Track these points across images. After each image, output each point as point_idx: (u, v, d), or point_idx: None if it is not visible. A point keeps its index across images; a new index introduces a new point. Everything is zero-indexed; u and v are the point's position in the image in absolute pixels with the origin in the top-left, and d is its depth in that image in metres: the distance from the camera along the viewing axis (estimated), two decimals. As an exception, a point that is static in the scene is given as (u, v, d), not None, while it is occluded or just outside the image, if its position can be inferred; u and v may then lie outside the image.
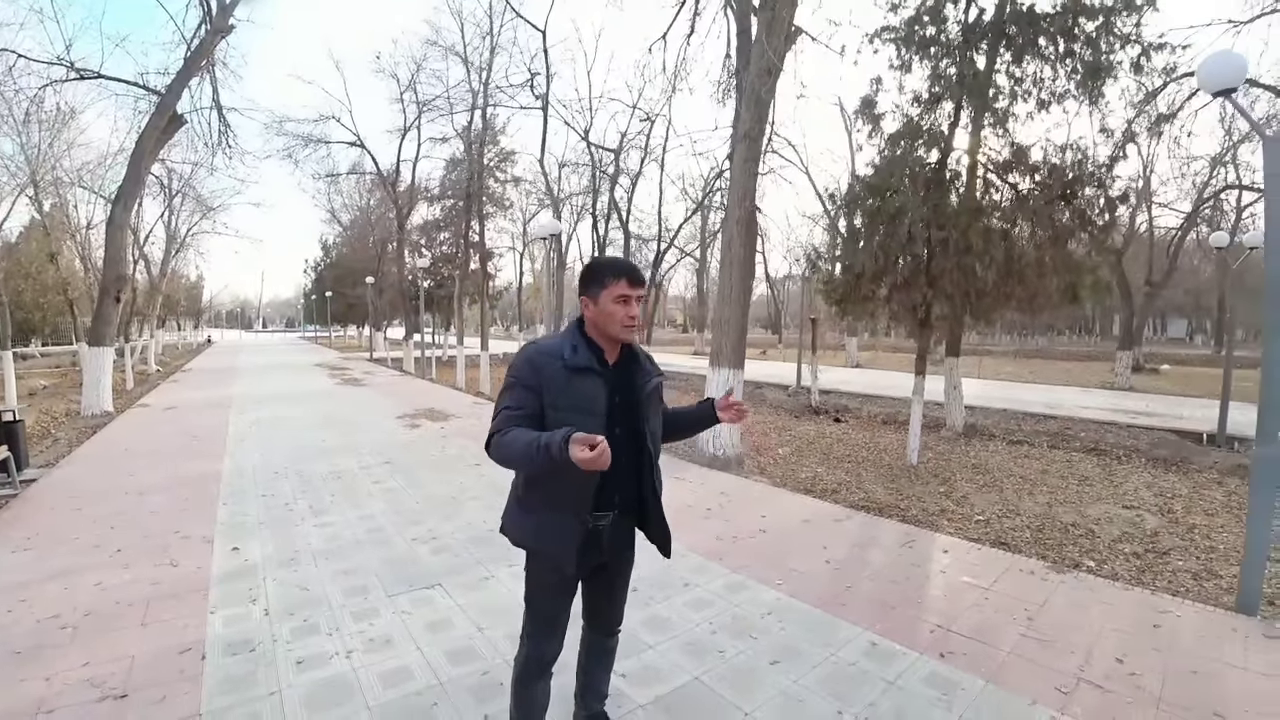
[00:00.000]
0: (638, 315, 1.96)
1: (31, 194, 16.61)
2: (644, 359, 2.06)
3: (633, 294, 1.92)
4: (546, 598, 2.01)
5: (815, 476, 6.46)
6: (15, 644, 3.02)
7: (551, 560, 1.93)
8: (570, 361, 1.85)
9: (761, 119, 6.91)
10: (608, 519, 1.94)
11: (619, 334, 1.92)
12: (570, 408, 1.83)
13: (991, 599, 3.41)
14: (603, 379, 1.90)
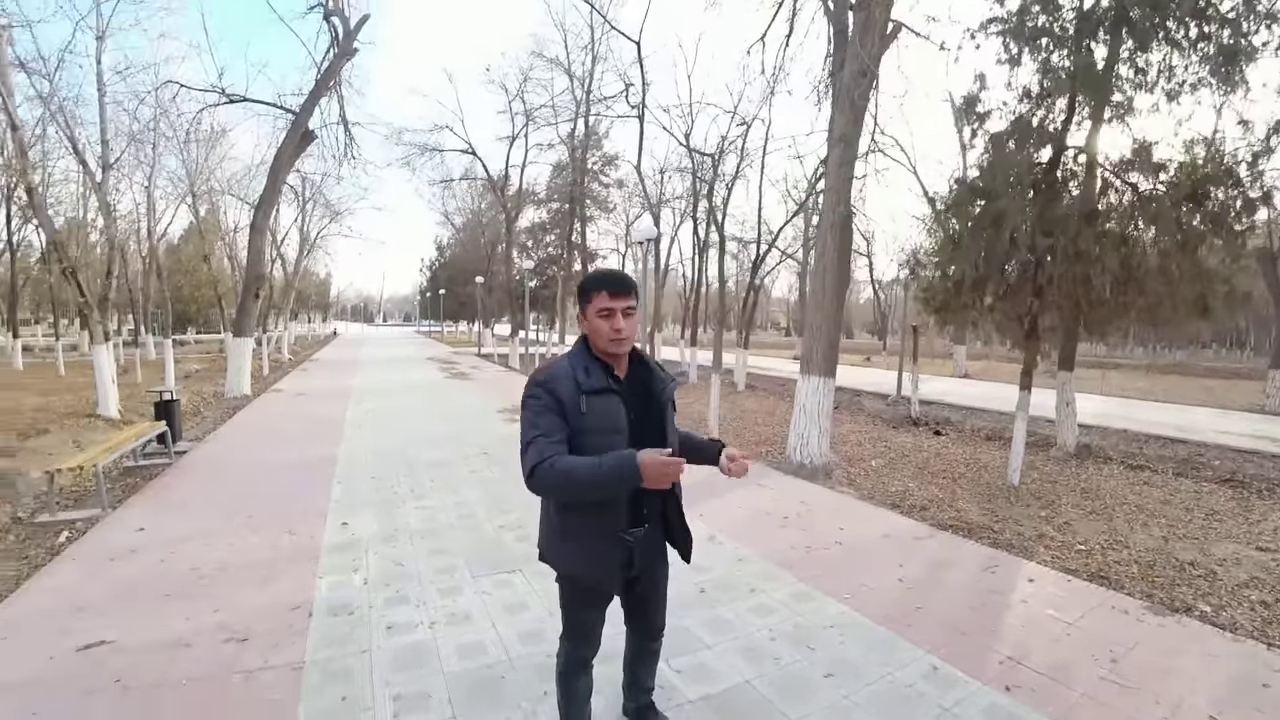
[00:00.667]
0: (624, 328, 1.86)
1: (190, 202, 19.07)
2: (656, 367, 2.04)
3: (616, 306, 1.84)
4: (580, 609, 2.07)
5: (905, 491, 6.26)
6: (165, 589, 3.63)
7: (593, 582, 1.97)
8: (585, 385, 1.83)
9: (857, 121, 6.77)
10: (640, 534, 1.95)
11: (606, 348, 1.87)
12: (593, 430, 1.81)
13: (1074, 635, 3.22)
14: (619, 396, 1.88)
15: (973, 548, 4.54)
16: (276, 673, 2.75)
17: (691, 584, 3.76)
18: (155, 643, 3.00)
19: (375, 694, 2.61)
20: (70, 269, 9.34)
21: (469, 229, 35.84)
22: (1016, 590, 3.80)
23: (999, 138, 5.99)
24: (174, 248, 31.50)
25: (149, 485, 6.02)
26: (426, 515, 5.10)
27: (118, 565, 4.02)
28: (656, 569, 2.15)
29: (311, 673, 2.76)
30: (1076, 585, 3.89)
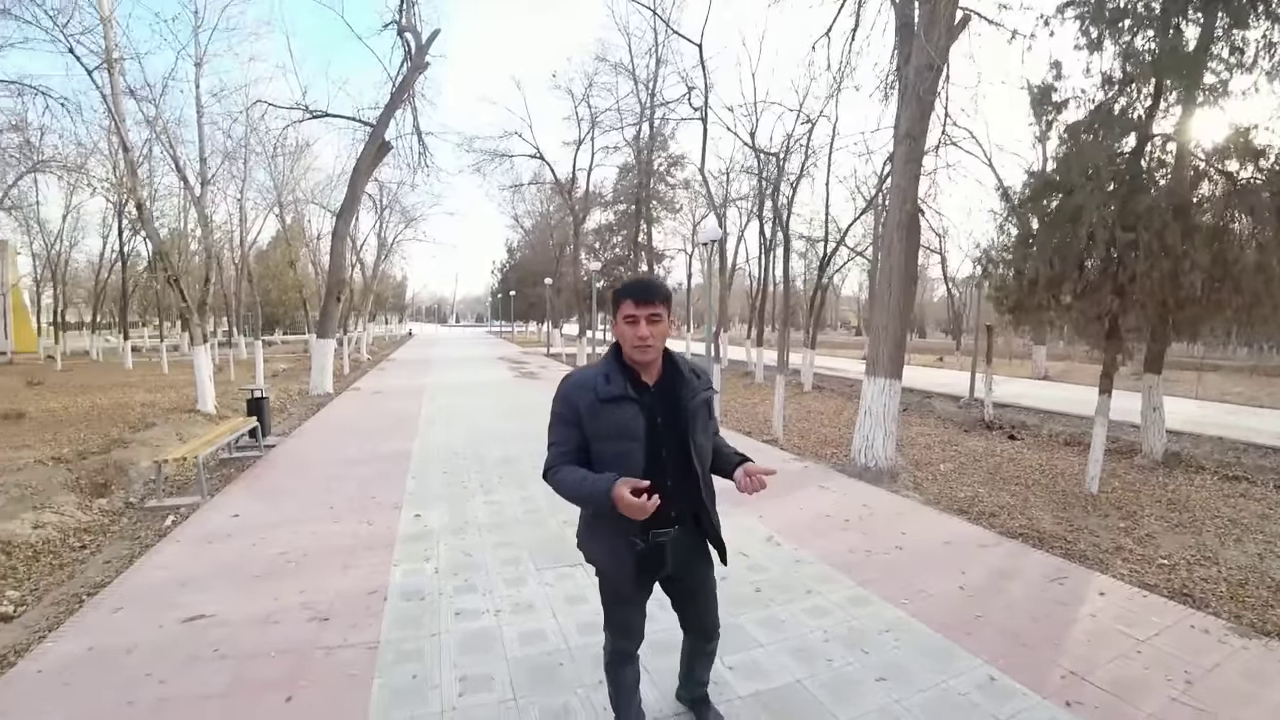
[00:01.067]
0: (649, 335, 1.88)
1: (277, 211, 20.44)
2: (689, 374, 2.03)
3: (640, 313, 1.87)
4: (615, 606, 2.17)
5: (974, 497, 6.08)
6: (256, 570, 4.00)
7: (616, 578, 2.06)
8: (602, 393, 1.89)
9: (923, 117, 6.61)
10: (668, 535, 1.99)
11: (631, 354, 1.91)
12: (608, 437, 1.89)
13: (1146, 653, 3.07)
14: (638, 404, 1.91)
15: (1040, 557, 4.38)
16: (354, 650, 3.01)
17: (748, 584, 3.82)
18: (248, 618, 3.34)
19: (443, 674, 2.81)
20: (174, 277, 10.24)
21: (538, 231, 36.77)
22: (1085, 603, 3.64)
23: (1075, 128, 5.71)
24: (263, 254, 33.71)
25: (242, 476, 6.57)
26: (494, 509, 5.35)
27: (216, 548, 4.45)
28: (697, 570, 2.16)
29: (386, 652, 3.00)
30: (1154, 601, 3.68)
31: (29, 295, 30.07)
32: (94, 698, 2.66)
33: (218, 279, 22.06)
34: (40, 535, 4.93)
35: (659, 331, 1.89)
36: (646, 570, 2.03)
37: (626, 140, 18.22)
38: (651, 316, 1.87)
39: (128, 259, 24.79)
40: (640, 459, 1.89)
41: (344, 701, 2.61)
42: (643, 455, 1.90)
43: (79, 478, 6.15)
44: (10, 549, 4.63)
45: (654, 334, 1.88)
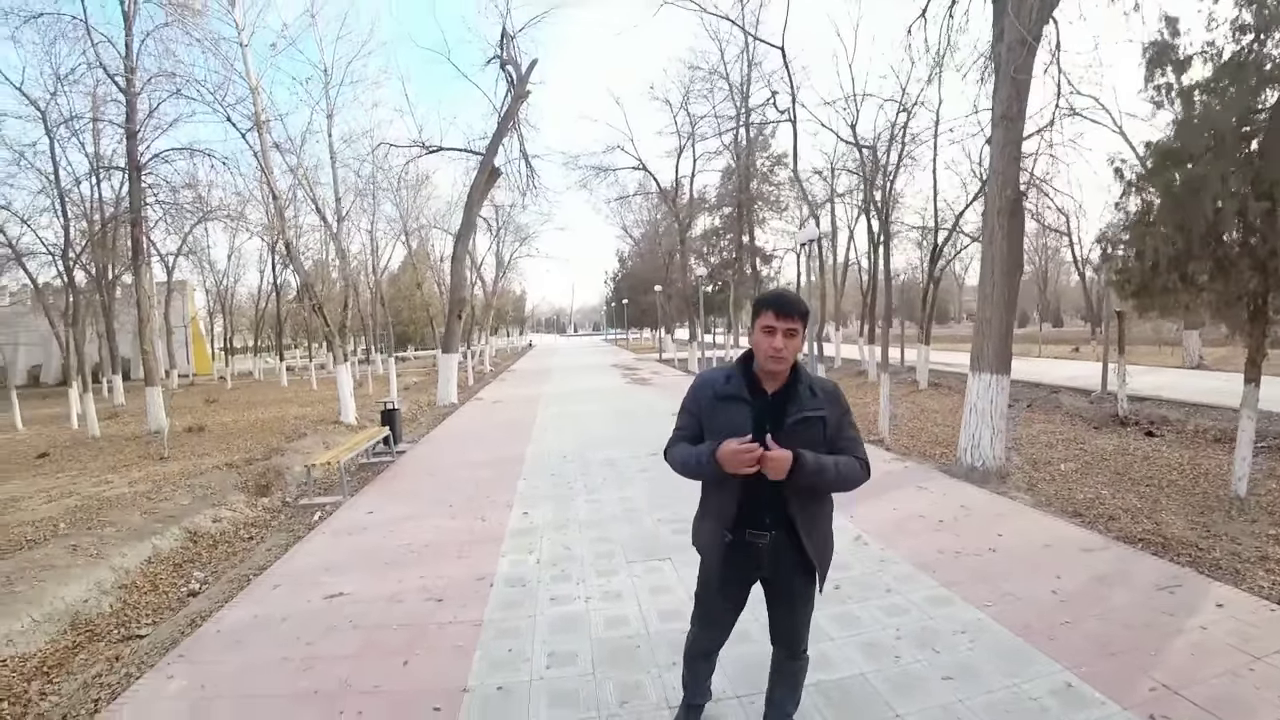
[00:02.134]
0: (783, 347, 1.96)
1: (404, 239, 22.57)
2: (805, 392, 2.05)
3: (779, 325, 1.94)
4: (707, 594, 2.30)
5: (1095, 499, 5.71)
6: (385, 558, 4.69)
7: (705, 559, 2.22)
8: (720, 391, 2.07)
9: (1019, 96, 6.29)
10: (765, 538, 2.08)
11: (764, 363, 2.01)
12: (718, 431, 2.01)
13: (1259, 671, 2.81)
14: (750, 407, 2.02)
15: (1154, 564, 4.08)
16: (461, 626, 3.50)
17: (829, 581, 3.90)
18: (377, 596, 3.96)
19: (535, 649, 3.22)
20: (317, 305, 11.75)
21: (647, 240, 37.65)
22: (1197, 615, 3.38)
23: (1187, 92, 5.23)
24: (394, 277, 37.15)
25: (377, 478, 7.50)
26: (595, 508, 5.80)
27: (353, 539, 5.24)
28: (791, 581, 2.19)
29: (488, 629, 3.46)
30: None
31: (204, 325, 35.11)
32: (259, 650, 3.35)
33: (354, 303, 24.69)
34: (218, 528, 5.98)
35: (793, 345, 1.97)
36: (738, 566, 2.15)
37: (724, 145, 18.38)
38: (788, 330, 1.96)
39: (280, 290, 28.31)
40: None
41: (450, 668, 3.08)
42: None
43: (246, 480, 7.31)
44: (197, 538, 5.67)
45: (788, 347, 1.97)
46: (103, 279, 15.08)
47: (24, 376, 29.65)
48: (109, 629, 4.05)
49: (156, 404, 11.67)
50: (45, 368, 30.93)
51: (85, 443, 11.56)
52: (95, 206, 15.17)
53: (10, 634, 3.78)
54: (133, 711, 2.88)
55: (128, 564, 4.96)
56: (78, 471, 8.73)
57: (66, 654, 3.72)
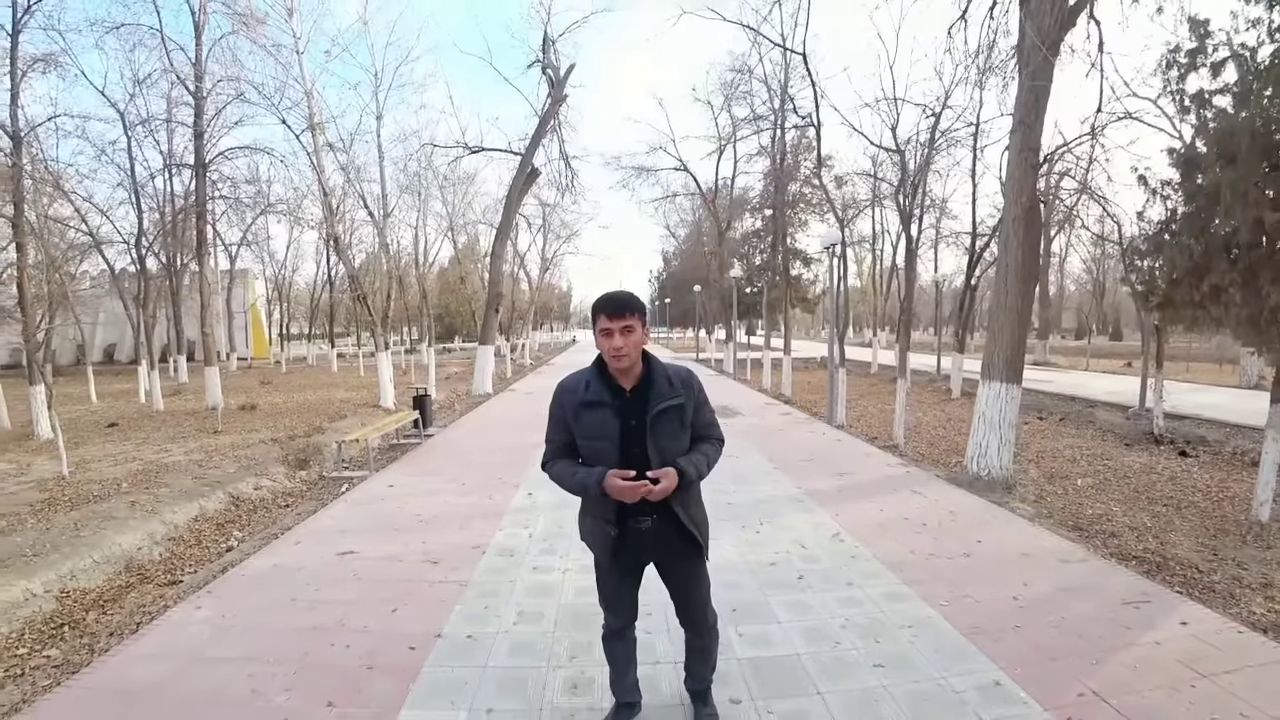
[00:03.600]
0: (622, 345, 2.06)
1: (450, 235, 23.58)
2: (662, 384, 2.17)
3: (613, 326, 2.05)
4: (603, 582, 2.42)
5: (1103, 515, 5.75)
6: (395, 525, 5.26)
7: (596, 556, 2.37)
8: (582, 398, 2.15)
9: (1038, 103, 6.34)
10: (647, 523, 2.20)
11: (610, 363, 2.12)
12: (588, 436, 2.16)
13: (1199, 688, 2.81)
14: (612, 409, 2.14)
15: (1127, 579, 4.12)
16: (449, 585, 3.98)
17: (794, 571, 4.21)
18: (381, 556, 4.52)
19: (508, 608, 3.66)
20: (362, 295, 12.54)
21: (690, 239, 37.94)
22: (1155, 631, 3.40)
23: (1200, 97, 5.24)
24: (444, 271, 38.53)
25: (403, 457, 8.12)
26: (597, 490, 6.27)
27: (370, 507, 5.85)
28: (682, 562, 2.34)
29: (471, 589, 3.93)
30: (1249, 639, 3.31)
31: (264, 312, 37.26)
32: (274, 592, 3.94)
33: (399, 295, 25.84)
34: (259, 494, 6.66)
35: (632, 341, 2.07)
36: (626, 553, 2.26)
37: (761, 146, 18.58)
38: (624, 329, 2.06)
39: (334, 281, 29.88)
40: (614, 455, 2.12)
41: (430, 617, 3.54)
42: (616, 452, 2.12)
43: (288, 454, 8.04)
44: (239, 503, 6.34)
45: (627, 344, 2.07)
46: (171, 266, 16.44)
47: (100, 354, 32.27)
48: (157, 573, 4.70)
49: (214, 383, 12.70)
50: (119, 347, 33.54)
51: (150, 415, 12.71)
52: (166, 200, 16.66)
53: (74, 571, 4.46)
54: (165, 631, 3.47)
55: (177, 520, 5.64)
56: (141, 440, 9.69)
57: (120, 592, 4.36)
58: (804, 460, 7.72)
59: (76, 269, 21.15)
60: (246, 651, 3.21)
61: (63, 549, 4.66)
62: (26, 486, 6.86)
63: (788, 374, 14.88)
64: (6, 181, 10.46)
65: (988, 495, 6.10)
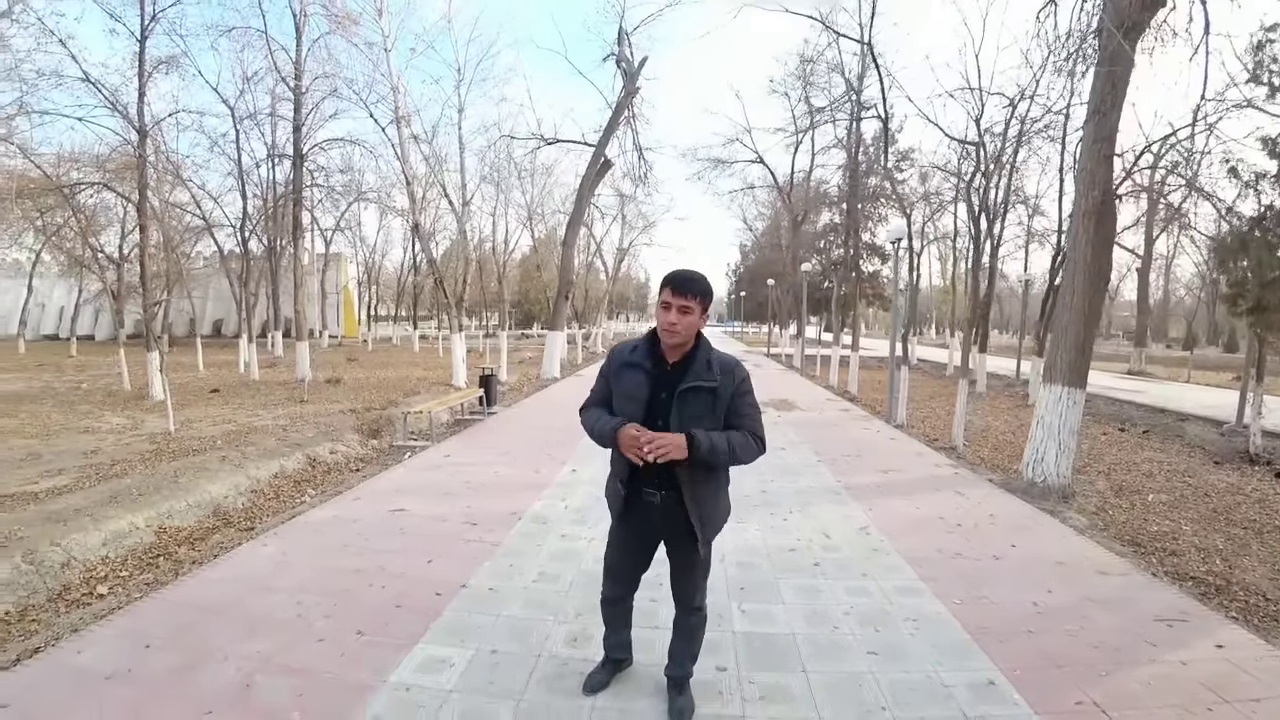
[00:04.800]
0: (676, 323, 2.17)
1: (528, 224, 24.48)
2: (701, 365, 2.25)
3: (674, 302, 2.16)
4: (611, 547, 2.61)
5: (1169, 533, 5.44)
6: (445, 490, 5.78)
7: (611, 511, 2.51)
8: (627, 359, 2.33)
9: (1114, 90, 6.01)
10: (656, 497, 2.32)
11: (661, 336, 2.24)
12: (622, 395, 2.32)
13: (1216, 712, 2.70)
14: (647, 375, 2.27)
15: (1169, 597, 3.93)
16: (482, 545, 4.41)
17: (811, 559, 4.32)
18: (428, 515, 5.03)
19: (530, 568, 4.02)
20: (439, 278, 13.31)
21: (769, 233, 37.55)
22: (1185, 650, 3.24)
23: None
24: (524, 259, 39.88)
25: (465, 431, 8.74)
26: (636, 468, 6.60)
27: (426, 473, 6.43)
28: (683, 543, 2.42)
29: (501, 549, 4.34)
30: None
31: (355, 293, 39.82)
32: (329, 538, 4.54)
33: (478, 280, 27.03)
34: (333, 458, 7.32)
35: (686, 322, 2.17)
36: (635, 521, 2.43)
37: (837, 138, 18.20)
38: (682, 308, 2.16)
39: (418, 266, 31.60)
40: (639, 418, 2.22)
41: (460, 570, 3.96)
42: (641, 416, 2.23)
43: (363, 424, 8.75)
44: (315, 464, 7.01)
45: (681, 323, 2.17)
46: (272, 248, 18.08)
47: (209, 327, 35.59)
48: (239, 520, 5.34)
49: (303, 357, 13.86)
50: (226, 321, 36.81)
51: (247, 384, 14.05)
52: (268, 187, 18.28)
53: (171, 511, 5.14)
54: (235, 562, 4.10)
55: (260, 475, 6.33)
56: (237, 405, 10.79)
57: (206, 532, 5.00)
58: (851, 455, 7.71)
59: (191, 249, 23.52)
60: (298, 584, 3.72)
61: (163, 492, 5.38)
62: (139, 439, 7.87)
63: (854, 371, 14.62)
64: (133, 171, 11.82)
65: (1040, 503, 5.91)
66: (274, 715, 2.56)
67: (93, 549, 4.26)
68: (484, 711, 2.61)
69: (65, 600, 3.68)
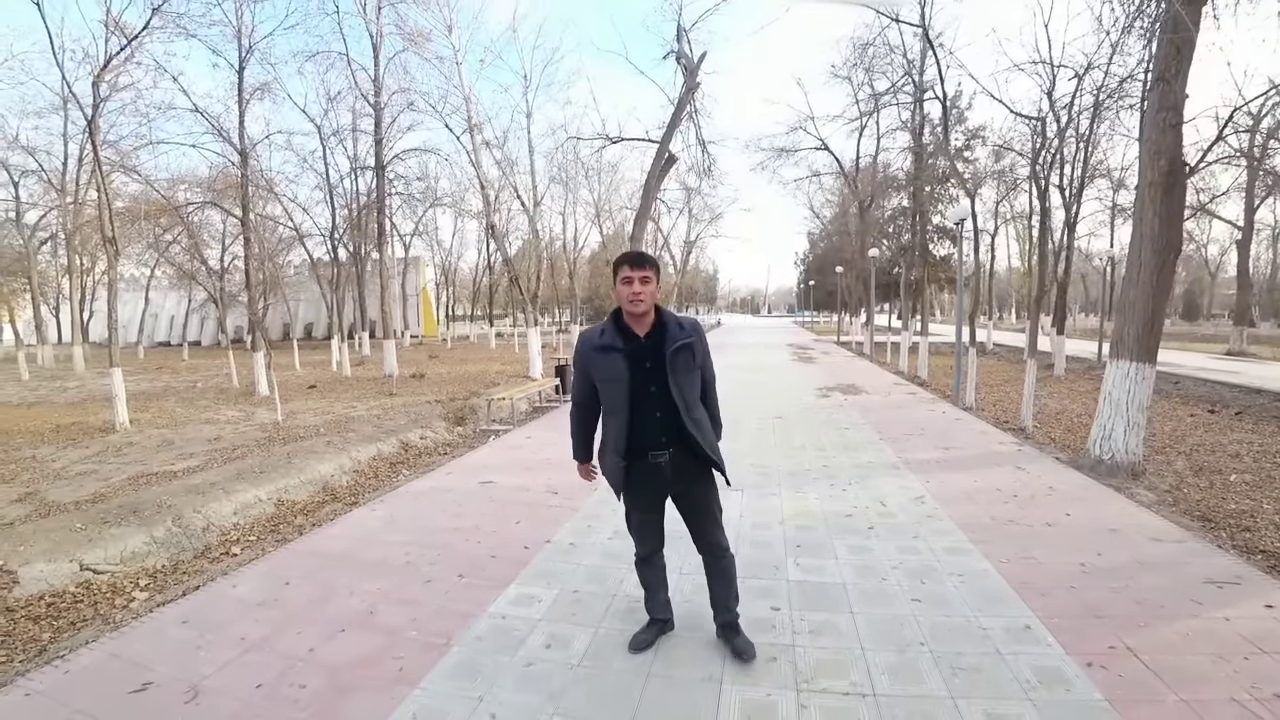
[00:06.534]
0: (641, 292, 2.42)
1: (598, 221, 25.25)
2: (674, 328, 2.50)
3: (634, 274, 2.40)
4: (629, 512, 2.80)
5: (1247, 511, 5.23)
6: (526, 465, 6.54)
7: (611, 483, 2.69)
8: (598, 343, 2.49)
9: (1178, 55, 5.96)
10: (665, 456, 2.52)
11: (626, 308, 2.44)
12: (603, 379, 2.50)
13: (1256, 661, 2.80)
14: (623, 354, 2.45)
15: (1224, 563, 3.95)
16: (563, 509, 5.01)
17: (866, 524, 4.62)
18: (513, 486, 5.71)
19: (605, 527, 4.59)
20: (515, 276, 14.11)
21: (837, 220, 37.04)
22: (1231, 608, 3.29)
23: None
24: (594, 255, 40.87)
25: (543, 416, 9.56)
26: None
27: (508, 451, 7.18)
28: (698, 490, 2.68)
29: (580, 513, 4.94)
30: None
31: (433, 294, 41.91)
32: (429, 504, 5.30)
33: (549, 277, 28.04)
34: (423, 443, 8.10)
35: (649, 290, 2.45)
36: (648, 485, 2.62)
37: (901, 121, 17.92)
38: (643, 278, 2.43)
39: (493, 266, 33.07)
40: (625, 395, 2.47)
41: (545, 529, 4.58)
42: (625, 394, 2.46)
43: (448, 413, 9.57)
44: (408, 448, 7.80)
45: (645, 291, 2.43)
46: (357, 255, 19.59)
47: (301, 330, 38.32)
48: (345, 495, 6.11)
49: (390, 354, 14.97)
50: (316, 324, 39.58)
51: (340, 380, 15.37)
52: (353, 198, 19.77)
53: (287, 487, 5.96)
54: (350, 523, 4.90)
55: (360, 457, 7.15)
56: (334, 398, 11.91)
57: (318, 505, 5.78)
58: (913, 434, 7.89)
59: (283, 259, 25.61)
60: (406, 539, 4.42)
61: (279, 470, 6.22)
62: (252, 428, 8.95)
63: (924, 356, 14.52)
64: (236, 189, 13.15)
65: (1106, 480, 5.93)
66: (394, 633, 3.17)
67: (226, 516, 5.08)
68: (568, 635, 3.13)
69: (207, 558, 4.46)
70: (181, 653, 3.01)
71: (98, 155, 9.53)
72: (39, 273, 24.20)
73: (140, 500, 5.04)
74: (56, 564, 4.02)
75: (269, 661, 2.92)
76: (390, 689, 2.69)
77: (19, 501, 5.60)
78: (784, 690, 2.65)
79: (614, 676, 2.76)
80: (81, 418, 10.29)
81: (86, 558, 4.15)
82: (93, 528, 4.47)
